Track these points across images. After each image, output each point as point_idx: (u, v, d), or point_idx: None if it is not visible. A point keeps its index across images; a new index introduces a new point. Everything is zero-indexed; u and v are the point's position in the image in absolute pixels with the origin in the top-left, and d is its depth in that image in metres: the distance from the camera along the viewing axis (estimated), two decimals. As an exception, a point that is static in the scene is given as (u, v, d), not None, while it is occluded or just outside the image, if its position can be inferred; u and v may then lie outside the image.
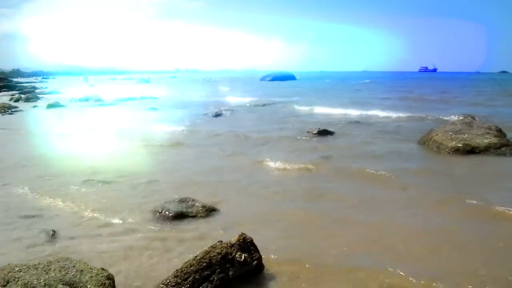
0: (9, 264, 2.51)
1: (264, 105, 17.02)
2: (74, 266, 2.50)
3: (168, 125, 10.97)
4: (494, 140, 7.09)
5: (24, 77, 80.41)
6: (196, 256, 2.74)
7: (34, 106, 17.60)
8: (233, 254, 2.80)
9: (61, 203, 4.57)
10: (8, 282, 2.30)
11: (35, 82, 50.30)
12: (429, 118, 11.97)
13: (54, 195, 4.82)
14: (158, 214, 4.14)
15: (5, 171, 6.02)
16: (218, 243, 2.86)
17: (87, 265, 2.55)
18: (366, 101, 17.84)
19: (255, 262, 2.88)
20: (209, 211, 4.24)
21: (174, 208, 4.20)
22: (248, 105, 17.31)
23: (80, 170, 5.95)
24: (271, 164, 6.38)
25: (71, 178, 5.54)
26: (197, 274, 2.65)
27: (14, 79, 51.95)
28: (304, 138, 8.81)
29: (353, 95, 23.54)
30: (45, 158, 7.03)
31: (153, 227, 3.87)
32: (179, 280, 2.62)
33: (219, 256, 2.75)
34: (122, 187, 5.18)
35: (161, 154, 7.35)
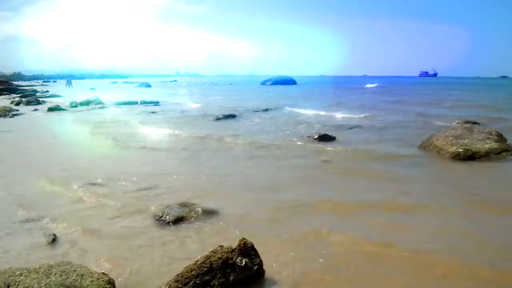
0: (10, 268, 2.52)
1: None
2: (75, 271, 2.50)
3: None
4: (494, 145, 7.09)
5: (25, 80, 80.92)
6: (197, 261, 2.74)
7: (35, 110, 17.62)
8: (234, 259, 2.80)
9: (61, 207, 4.56)
10: (9, 286, 2.31)
11: (36, 86, 50.44)
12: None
13: (54, 199, 4.82)
14: (158, 218, 4.14)
15: (4, 174, 6.02)
16: (218, 248, 2.85)
17: (88, 270, 2.56)
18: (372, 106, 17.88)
19: (256, 267, 2.88)
20: (210, 215, 4.24)
21: (174, 212, 4.20)
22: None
23: (80, 173, 5.95)
24: (273, 166, 6.38)
25: (71, 181, 5.54)
26: (198, 279, 2.64)
27: (15, 82, 52.12)
28: (305, 143, 8.82)
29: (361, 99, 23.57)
30: (44, 160, 7.04)
31: (154, 232, 3.87)
32: (179, 285, 2.62)
33: (220, 261, 2.75)
34: (121, 191, 5.18)
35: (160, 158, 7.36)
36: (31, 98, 22.57)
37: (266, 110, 16.51)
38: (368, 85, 47.67)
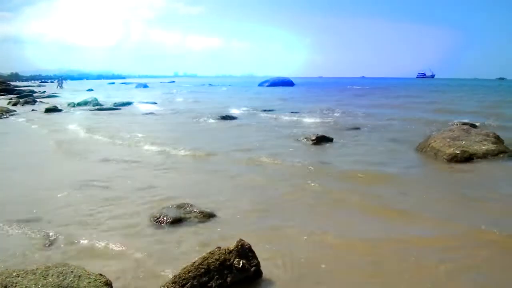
0: (6, 269, 2.51)
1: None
2: (72, 272, 2.49)
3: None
4: (491, 147, 7.12)
5: (22, 81, 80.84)
6: (194, 262, 2.73)
7: (32, 110, 17.58)
8: (231, 260, 2.80)
9: (58, 207, 4.55)
10: (5, 287, 2.30)
11: (33, 86, 50.32)
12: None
13: (51, 199, 4.80)
14: (156, 219, 4.13)
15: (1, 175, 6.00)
16: (216, 249, 2.85)
17: (85, 271, 2.55)
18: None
19: (253, 268, 2.88)
20: (207, 216, 4.23)
21: (172, 214, 4.19)
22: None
23: (79, 174, 5.94)
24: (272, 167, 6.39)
25: (68, 181, 5.52)
26: (195, 280, 2.64)
27: (13, 83, 52.00)
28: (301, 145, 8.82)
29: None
30: (42, 160, 7.02)
31: (151, 233, 3.86)
32: (177, 286, 2.61)
33: (217, 263, 2.75)
34: (119, 192, 5.17)
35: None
36: (29, 99, 22.57)
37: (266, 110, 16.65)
38: (355, 86, 50.68)
